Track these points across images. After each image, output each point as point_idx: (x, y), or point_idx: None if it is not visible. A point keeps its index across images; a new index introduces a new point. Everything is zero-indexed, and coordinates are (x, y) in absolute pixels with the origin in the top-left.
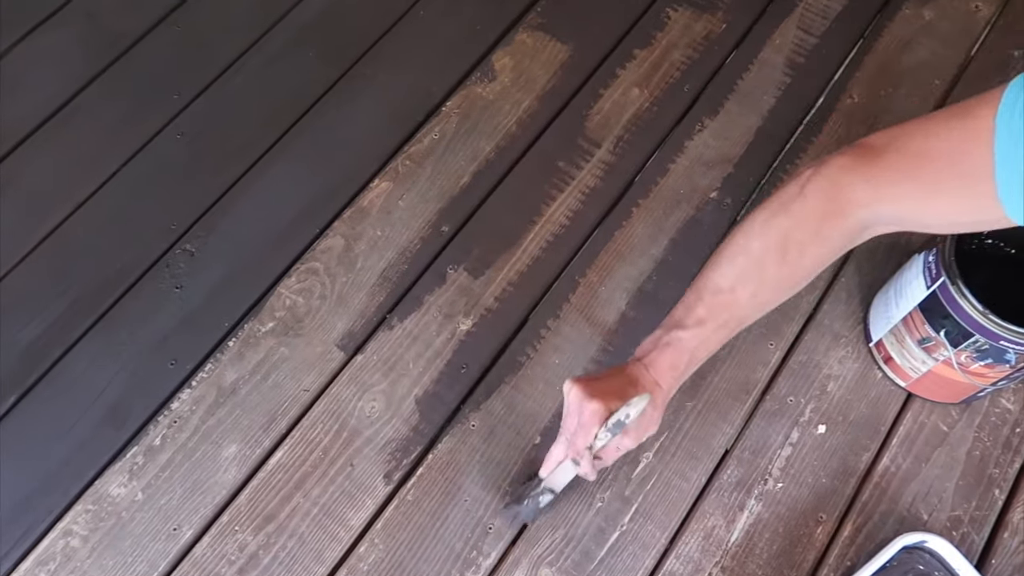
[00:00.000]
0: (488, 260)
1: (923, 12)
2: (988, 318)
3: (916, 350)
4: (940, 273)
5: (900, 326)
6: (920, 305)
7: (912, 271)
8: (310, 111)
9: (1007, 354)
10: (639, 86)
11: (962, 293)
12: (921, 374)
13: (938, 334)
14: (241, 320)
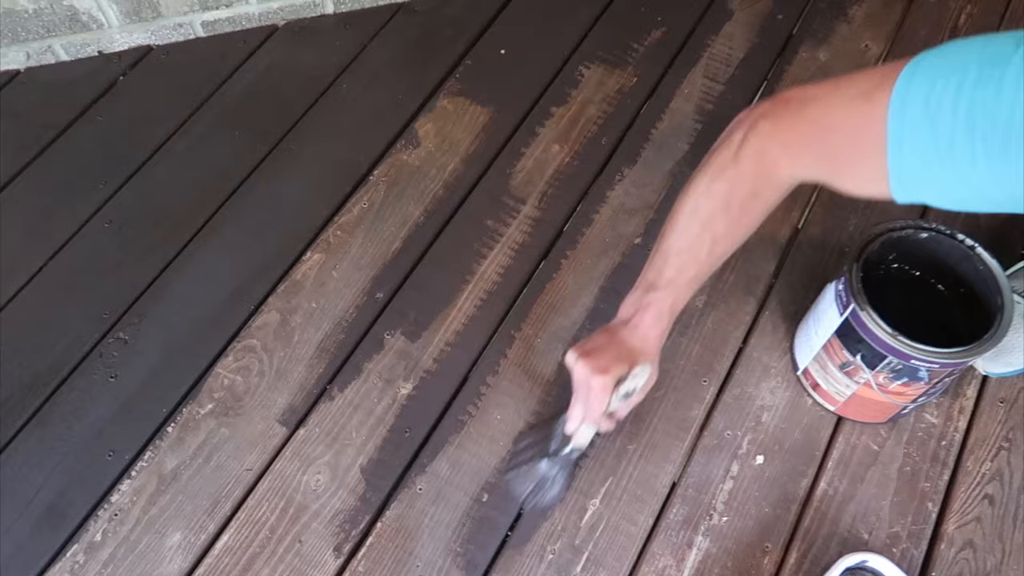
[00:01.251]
0: (424, 323)
1: (818, 55)
2: (897, 339)
3: (839, 375)
4: (850, 300)
5: (822, 353)
6: (836, 332)
7: (826, 300)
8: (238, 190)
9: (920, 372)
10: (559, 142)
11: (871, 318)
12: (847, 397)
13: (855, 358)
14: (179, 404)
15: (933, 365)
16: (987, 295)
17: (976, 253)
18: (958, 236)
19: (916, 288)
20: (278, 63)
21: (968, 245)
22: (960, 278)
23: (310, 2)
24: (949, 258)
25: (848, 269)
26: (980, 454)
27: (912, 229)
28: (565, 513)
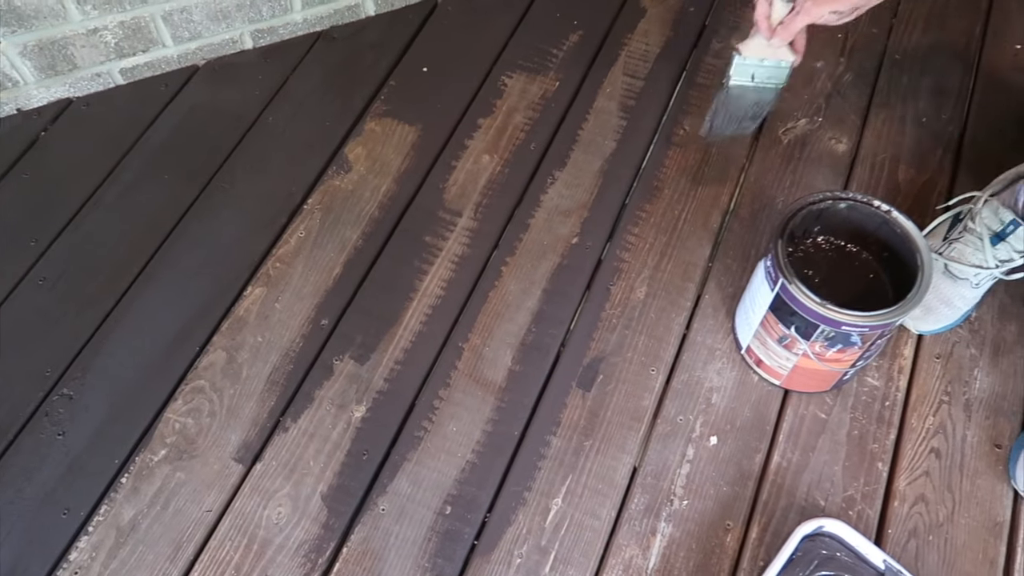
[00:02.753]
0: (372, 344)
1: (732, 43)
2: (826, 308)
3: (778, 349)
4: (778, 275)
5: (760, 330)
6: (770, 307)
7: (758, 278)
8: (172, 233)
9: (852, 337)
10: (488, 152)
11: (799, 290)
12: (789, 370)
13: (790, 330)
14: (131, 454)
15: (863, 329)
16: (908, 256)
17: (892, 217)
18: (874, 203)
19: (844, 257)
20: (201, 103)
21: (884, 210)
22: (882, 242)
23: (228, 40)
24: (868, 224)
25: (773, 245)
26: (922, 410)
27: (831, 200)
28: (529, 516)
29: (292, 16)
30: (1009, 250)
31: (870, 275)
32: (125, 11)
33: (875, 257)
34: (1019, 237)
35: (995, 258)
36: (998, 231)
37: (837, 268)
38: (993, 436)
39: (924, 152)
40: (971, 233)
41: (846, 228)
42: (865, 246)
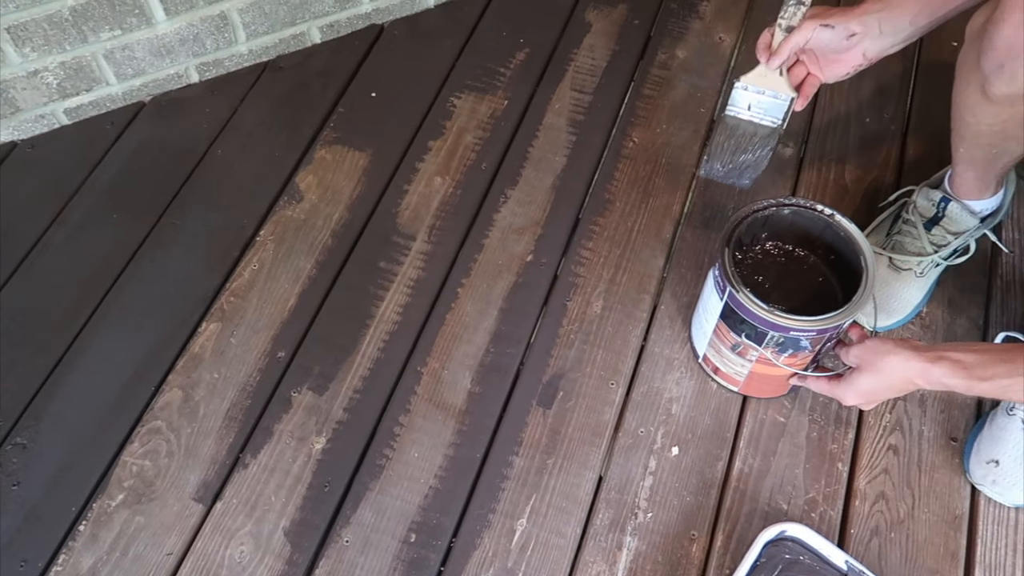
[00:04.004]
0: (330, 374)
1: (677, 53)
2: (773, 314)
3: (733, 356)
4: (726, 284)
5: (714, 338)
6: (721, 316)
7: (708, 287)
8: (123, 273)
9: (801, 342)
10: (440, 174)
11: (747, 297)
12: (745, 376)
13: (742, 338)
14: (88, 500)
15: (811, 333)
16: (853, 258)
17: (836, 220)
18: (817, 207)
19: (792, 261)
20: (149, 139)
21: (827, 214)
22: (827, 245)
23: (174, 74)
24: (813, 229)
25: (720, 254)
26: (879, 408)
27: (775, 207)
28: (494, 538)
29: (237, 48)
30: (943, 233)
31: (819, 278)
32: (65, 51)
33: (822, 260)
34: (951, 218)
35: (931, 243)
36: (931, 216)
37: (786, 273)
38: (948, 430)
39: (869, 152)
40: (908, 224)
41: (792, 233)
42: (812, 250)
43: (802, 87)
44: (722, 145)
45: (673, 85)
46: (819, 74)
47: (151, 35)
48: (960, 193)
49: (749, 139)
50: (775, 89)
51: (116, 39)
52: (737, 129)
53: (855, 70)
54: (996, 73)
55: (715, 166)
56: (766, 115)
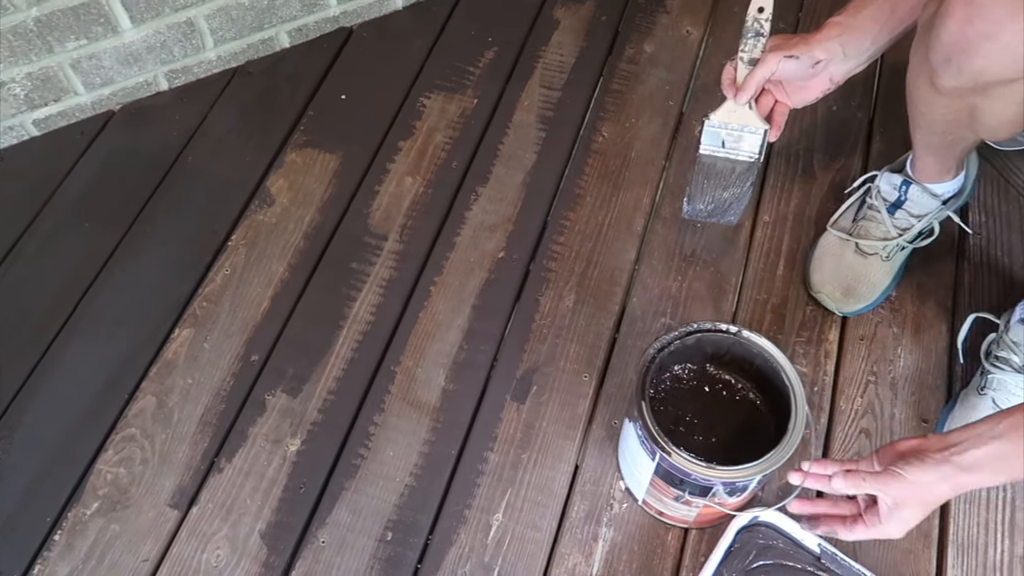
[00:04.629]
0: (304, 376)
1: (644, 47)
2: (715, 469)
3: (677, 505)
4: (654, 448)
5: (652, 489)
6: (655, 474)
7: (632, 439)
8: (96, 281)
9: (751, 484)
10: (411, 174)
11: (682, 458)
12: (694, 517)
13: (684, 492)
14: (63, 510)
15: (758, 477)
16: (773, 375)
17: (743, 337)
18: (721, 327)
19: (710, 383)
20: (119, 148)
21: (733, 332)
22: (738, 360)
23: (143, 82)
24: (721, 346)
25: (639, 413)
26: (850, 392)
27: (679, 339)
28: (470, 534)
29: (205, 54)
30: (907, 216)
31: (737, 392)
32: (32, 62)
33: (738, 374)
34: (913, 201)
35: (895, 227)
36: (894, 200)
37: (707, 397)
38: (920, 412)
39: (837, 140)
40: (872, 208)
41: (700, 353)
42: (722, 366)
43: (772, 116)
44: (702, 185)
45: (641, 79)
46: (787, 101)
47: (118, 43)
48: (921, 177)
49: (728, 176)
50: (747, 123)
51: (82, 48)
52: (714, 168)
53: (823, 93)
54: (943, 67)
55: (698, 207)
56: (742, 150)
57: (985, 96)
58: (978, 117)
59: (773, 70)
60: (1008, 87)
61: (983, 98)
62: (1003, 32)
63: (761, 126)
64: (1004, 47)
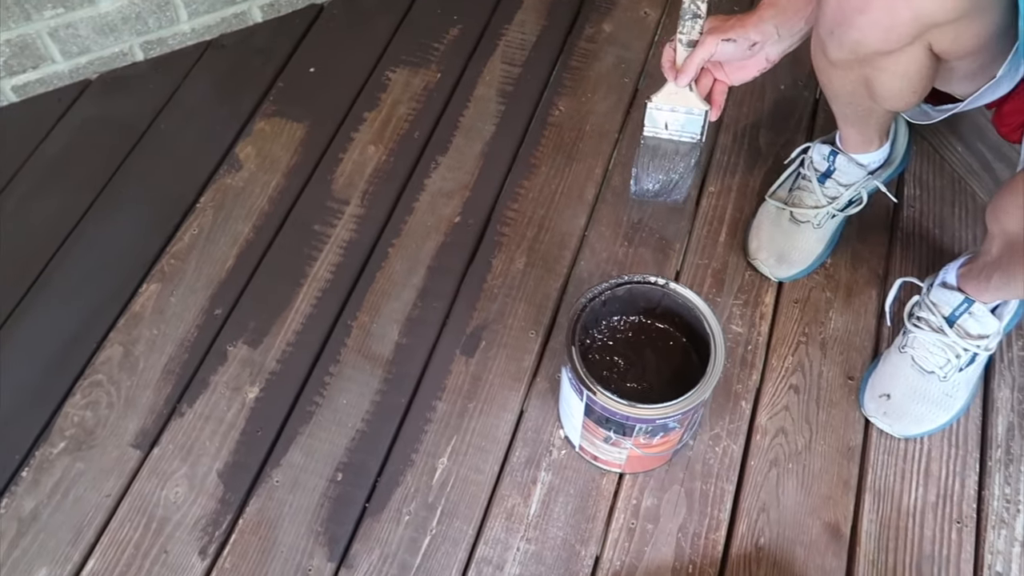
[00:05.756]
0: (264, 329)
1: (603, 27)
2: (635, 407)
3: (607, 447)
4: (582, 388)
5: (585, 432)
6: (585, 415)
7: (566, 386)
8: (68, 238)
9: (669, 424)
10: (374, 143)
11: (606, 397)
12: (624, 460)
13: (611, 432)
14: (31, 449)
15: (676, 416)
16: (697, 325)
17: (671, 289)
18: (649, 279)
19: (644, 333)
20: (94, 115)
21: (661, 284)
22: (671, 312)
23: (119, 52)
24: (652, 299)
25: (568, 355)
26: (782, 351)
27: (609, 290)
28: (416, 476)
29: (180, 27)
30: (835, 185)
31: (670, 342)
32: (10, 29)
33: (671, 325)
34: (841, 170)
35: (825, 195)
36: (824, 170)
37: (640, 346)
38: (846, 370)
39: (783, 116)
40: (804, 179)
41: (635, 306)
42: (657, 317)
43: (712, 96)
44: (647, 166)
45: (599, 57)
46: (726, 80)
47: (94, 13)
48: (847, 147)
49: (671, 156)
50: (688, 105)
51: (59, 17)
52: (659, 149)
53: (760, 72)
54: (828, 39)
55: (645, 187)
56: (684, 131)
57: (872, 67)
58: (872, 88)
59: (712, 52)
60: (888, 58)
61: (871, 69)
62: (872, 6)
63: (702, 107)
64: (874, 21)
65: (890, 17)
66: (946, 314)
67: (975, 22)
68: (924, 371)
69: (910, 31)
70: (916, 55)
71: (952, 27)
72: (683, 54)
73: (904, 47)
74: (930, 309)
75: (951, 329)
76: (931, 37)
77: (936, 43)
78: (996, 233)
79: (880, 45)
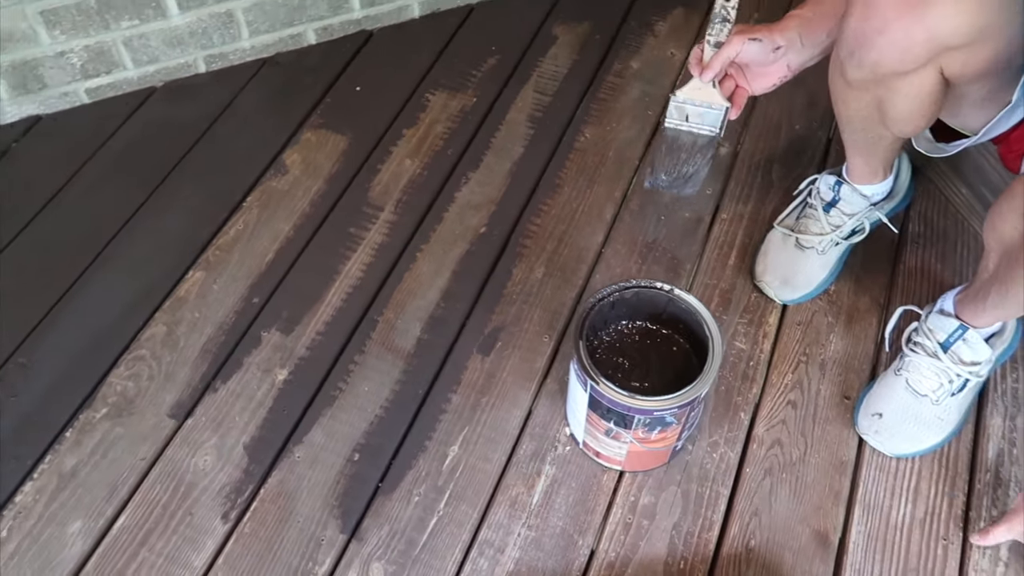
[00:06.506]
0: (297, 318)
1: (631, 63)
2: (634, 399)
3: (609, 440)
4: (586, 378)
5: (588, 426)
6: (588, 406)
7: (573, 380)
8: (124, 227)
9: (666, 418)
10: (411, 157)
11: (607, 387)
12: (624, 455)
13: (611, 424)
14: (76, 412)
15: (672, 410)
16: (697, 328)
17: (675, 295)
18: (656, 285)
19: (648, 336)
20: (157, 118)
21: (667, 290)
22: (674, 318)
23: (184, 63)
24: (658, 305)
25: (576, 349)
26: (783, 368)
27: (617, 292)
28: (428, 461)
29: (241, 43)
30: (840, 214)
31: (673, 348)
32: (90, 36)
33: (675, 331)
34: (846, 200)
35: (829, 223)
36: (830, 199)
37: (645, 349)
38: (843, 390)
39: (796, 153)
40: (811, 207)
41: (641, 311)
42: (662, 323)
43: (733, 98)
44: (665, 157)
45: (625, 91)
46: (747, 87)
47: (165, 26)
48: (852, 178)
49: (689, 149)
50: (709, 100)
51: (135, 28)
52: (677, 140)
53: (781, 81)
54: (848, 60)
55: (660, 177)
56: (703, 125)
57: (887, 89)
58: (884, 111)
59: (738, 50)
60: (902, 80)
61: (885, 91)
62: (891, 28)
63: (723, 103)
64: (892, 41)
65: (907, 38)
66: (941, 340)
67: (986, 47)
68: (918, 394)
69: (925, 52)
70: (929, 77)
71: (964, 51)
72: (710, 53)
73: (918, 69)
74: (926, 335)
75: (945, 355)
76: (944, 60)
77: (947, 66)
78: (993, 246)
79: (896, 65)
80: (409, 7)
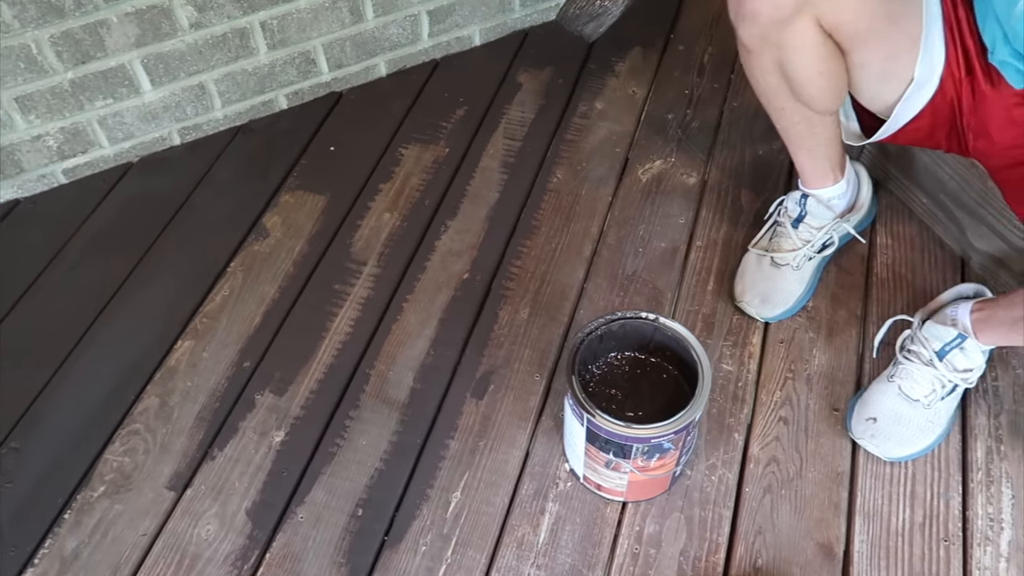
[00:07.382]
0: (289, 378)
1: (595, 104)
2: (631, 428)
3: (608, 472)
4: (582, 412)
5: (587, 460)
6: (587, 440)
7: (569, 415)
8: (111, 301)
9: (664, 444)
10: (389, 211)
11: (604, 419)
12: (625, 487)
13: (610, 455)
14: (73, 493)
15: (669, 435)
16: (685, 354)
17: (660, 323)
18: (641, 315)
19: (639, 366)
20: (136, 193)
21: (652, 319)
22: (662, 346)
23: (158, 137)
24: (645, 334)
25: (569, 383)
26: (771, 387)
27: (604, 325)
28: (432, 509)
29: (214, 114)
30: (808, 228)
31: (663, 375)
32: (65, 118)
33: (663, 359)
34: (812, 213)
35: (799, 238)
36: (797, 215)
37: (636, 379)
38: (831, 402)
39: (761, 178)
40: (781, 225)
41: (629, 342)
42: (650, 352)
43: None
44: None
45: (592, 131)
46: None
47: (139, 103)
48: (806, 183)
49: None
50: None
51: (109, 107)
52: None
53: None
54: (736, 21)
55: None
56: None
57: (778, 48)
58: (787, 73)
59: None
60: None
61: (778, 50)
62: None
63: None
64: None
65: None
66: (937, 348)
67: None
68: (909, 399)
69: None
70: (808, 27)
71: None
72: None
73: (793, 16)
74: (922, 343)
75: (940, 363)
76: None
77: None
78: None
79: (772, 11)
80: (376, 66)
